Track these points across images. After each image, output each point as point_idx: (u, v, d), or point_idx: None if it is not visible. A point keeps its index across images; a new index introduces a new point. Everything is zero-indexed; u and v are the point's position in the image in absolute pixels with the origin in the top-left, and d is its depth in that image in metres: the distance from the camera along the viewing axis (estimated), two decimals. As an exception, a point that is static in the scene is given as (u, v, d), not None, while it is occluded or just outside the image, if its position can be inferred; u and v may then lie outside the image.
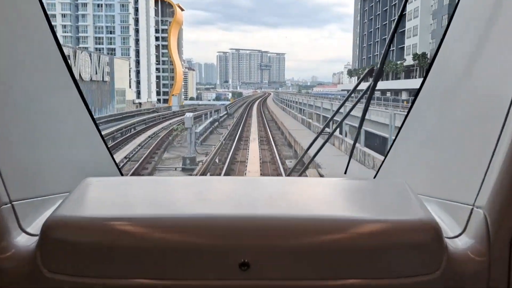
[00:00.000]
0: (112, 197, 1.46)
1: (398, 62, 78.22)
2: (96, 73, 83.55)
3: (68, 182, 1.52)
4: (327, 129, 3.74)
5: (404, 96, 70.38)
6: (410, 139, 2.11)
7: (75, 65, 76.32)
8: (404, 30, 79.36)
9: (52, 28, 1.68)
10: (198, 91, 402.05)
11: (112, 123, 37.57)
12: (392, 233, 1.16)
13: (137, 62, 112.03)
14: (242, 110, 56.90)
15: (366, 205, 1.41)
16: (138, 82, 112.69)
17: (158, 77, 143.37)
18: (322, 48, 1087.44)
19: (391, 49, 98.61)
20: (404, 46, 79.59)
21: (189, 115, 17.66)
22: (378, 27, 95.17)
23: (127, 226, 1.16)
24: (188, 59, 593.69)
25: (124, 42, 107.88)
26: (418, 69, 71.32)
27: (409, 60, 74.97)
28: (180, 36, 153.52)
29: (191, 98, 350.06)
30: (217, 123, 32.04)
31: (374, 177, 2.38)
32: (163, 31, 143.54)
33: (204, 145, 24.63)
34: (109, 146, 2.28)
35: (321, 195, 1.50)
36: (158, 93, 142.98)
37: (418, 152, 2.00)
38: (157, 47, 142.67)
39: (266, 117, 46.48)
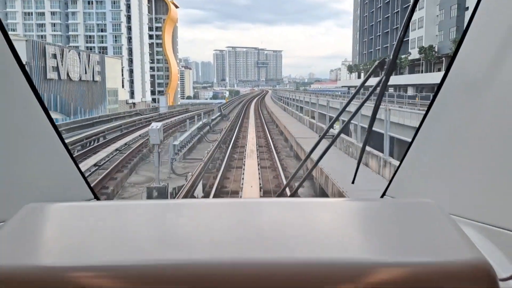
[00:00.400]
0: (51, 234, 1.04)
1: (403, 56, 74.06)
2: (86, 73, 79.40)
3: (15, 207, 1.20)
4: (332, 130, 3.09)
5: (410, 92, 66.29)
6: (430, 146, 1.78)
7: (62, 64, 72.06)
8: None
9: (4, 30, 1.36)
10: (195, 90, 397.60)
11: (78, 131, 31.04)
12: (434, 280, 0.83)
13: (130, 61, 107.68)
14: (239, 110, 52.29)
15: (393, 240, 1.07)
16: (131, 82, 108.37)
17: (152, 76, 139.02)
18: (318, 44, 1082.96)
19: (393, 43, 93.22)
20: (408, 39, 75.42)
21: (156, 126, 12.34)
22: (380, 20, 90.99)
23: (67, 280, 0.76)
24: (185, 58, 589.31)
25: (116, 40, 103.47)
26: (424, 63, 67.17)
27: (414, 54, 70.86)
28: (174, 34, 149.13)
29: (188, 97, 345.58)
30: (208, 127, 26.76)
31: (384, 192, 2.05)
32: (157, 29, 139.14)
33: (187, 160, 19.22)
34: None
35: (333, 225, 1.21)
36: (153, 92, 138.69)
37: (441, 162, 1.68)
38: (151, 45, 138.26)
39: (265, 118, 41.05)
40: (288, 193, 4.04)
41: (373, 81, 2.08)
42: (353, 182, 2.30)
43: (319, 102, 32.11)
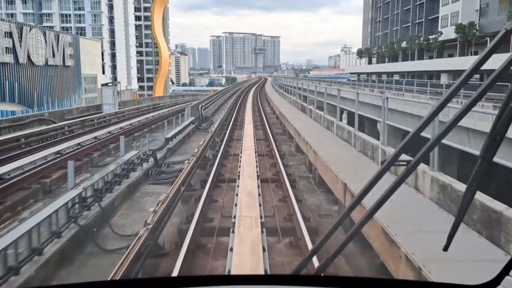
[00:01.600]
0: None
1: (431, 37, 60.79)
2: (54, 56, 65.85)
3: None
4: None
5: (444, 79, 53.17)
6: None
7: (20, 45, 58.44)
8: (438, -4, 61.78)
9: None
10: (191, 77, 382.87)
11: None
12: None
13: (112, 44, 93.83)
14: (231, 105, 34.89)
15: None
16: (114, 67, 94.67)
17: (140, 62, 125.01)
18: (316, 31, 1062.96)
19: (415, 22, 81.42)
20: (438, 16, 62.09)
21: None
22: (400, -4, 77.28)
23: None
24: (181, 44, 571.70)
25: (95, 20, 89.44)
26: (462, 44, 53.91)
27: (446, 34, 57.61)
28: (165, 16, 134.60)
29: (184, 84, 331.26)
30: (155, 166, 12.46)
31: (507, 270, 1.07)
32: (146, 9, 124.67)
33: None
34: None
35: None
36: (141, 79, 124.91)
37: None
38: (138, 27, 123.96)
39: (270, 122, 24.92)
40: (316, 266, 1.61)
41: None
42: (445, 249, 1.26)
43: (331, 91, 19.30)
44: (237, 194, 8.26)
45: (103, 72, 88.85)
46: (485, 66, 0.80)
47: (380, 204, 1.15)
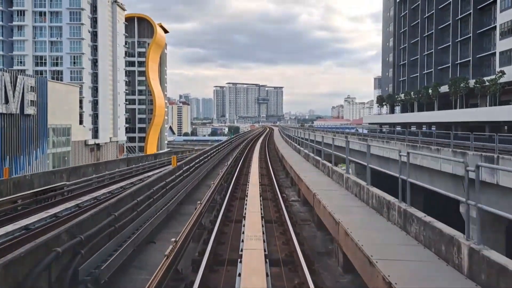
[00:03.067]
0: None
1: (487, 78, 46.17)
2: (7, 102, 51.59)
3: None
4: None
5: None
6: None
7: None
8: (494, 27, 47.67)
9: None
10: (194, 126, 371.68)
11: None
12: None
13: (95, 90, 79.97)
14: (221, 179, 21.01)
15: None
16: (95, 116, 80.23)
17: (132, 111, 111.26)
18: (318, 82, 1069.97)
19: (456, 62, 66.69)
20: (492, 54, 47.86)
21: None
22: (432, 32, 63.61)
23: None
24: (186, 94, 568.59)
25: (75, 63, 76.02)
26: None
27: (509, 74, 42.98)
28: (162, 62, 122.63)
29: (185, 134, 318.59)
30: None
31: None
32: (141, 54, 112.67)
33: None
34: None
35: None
36: (131, 130, 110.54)
37: None
38: (131, 73, 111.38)
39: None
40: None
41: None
42: None
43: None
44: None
45: (81, 122, 74.30)
46: None
47: None
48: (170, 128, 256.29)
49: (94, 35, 79.79)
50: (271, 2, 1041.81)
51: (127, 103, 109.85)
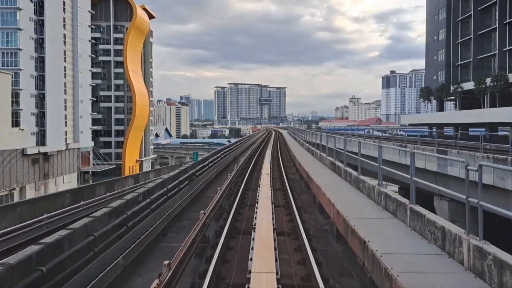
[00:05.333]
0: None
1: None
2: None
3: None
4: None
5: None
6: None
7: None
8: None
9: None
10: (193, 128, 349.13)
11: None
12: None
13: (41, 80, 57.86)
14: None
15: None
16: (41, 116, 58.12)
17: (108, 109, 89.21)
18: (320, 84, 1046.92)
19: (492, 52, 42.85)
20: None
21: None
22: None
23: None
24: (186, 95, 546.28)
25: (7, 42, 53.97)
26: None
27: None
28: (147, 53, 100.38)
29: (184, 136, 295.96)
30: None
31: None
32: (118, 41, 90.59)
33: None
34: None
35: None
36: (106, 133, 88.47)
37: None
38: (106, 64, 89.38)
39: None
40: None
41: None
42: None
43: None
44: None
45: (16, 124, 52.35)
46: None
47: None
48: (166, 130, 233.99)
49: (40, 6, 57.67)
50: (273, 3, 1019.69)
51: (100, 100, 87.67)
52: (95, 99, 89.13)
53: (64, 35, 64.44)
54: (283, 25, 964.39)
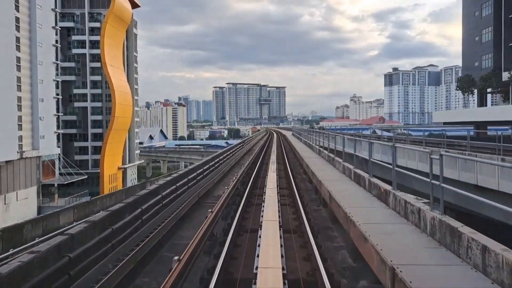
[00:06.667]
0: None
1: None
2: None
3: None
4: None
5: None
6: None
7: None
8: None
9: None
10: (191, 129, 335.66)
11: None
12: None
13: (-20, 72, 45.32)
14: None
15: None
16: (-19, 118, 45.55)
17: (83, 110, 76.83)
18: (320, 83, 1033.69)
19: None
20: None
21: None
22: None
23: None
24: (185, 96, 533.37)
25: None
26: None
27: None
28: (130, 45, 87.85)
29: (181, 138, 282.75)
30: None
31: None
32: (94, 31, 78.13)
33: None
34: None
35: None
36: (82, 138, 76.20)
37: None
38: (81, 57, 77.06)
39: None
40: None
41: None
42: None
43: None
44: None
45: None
46: None
47: None
48: (161, 131, 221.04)
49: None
50: (272, 3, 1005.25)
51: (75, 99, 75.28)
52: (69, 97, 76.73)
53: (18, 18, 51.96)
54: (282, 25, 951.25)
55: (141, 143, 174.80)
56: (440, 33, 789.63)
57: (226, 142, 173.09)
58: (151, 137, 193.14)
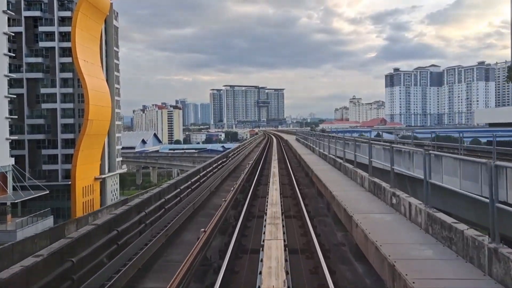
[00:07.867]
0: None
1: None
2: None
3: None
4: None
5: None
6: None
7: None
8: None
9: None
10: (187, 133, 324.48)
11: None
12: None
13: None
14: None
15: None
16: None
17: (52, 112, 65.91)
18: (318, 86, 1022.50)
19: None
20: None
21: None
22: None
23: None
24: (182, 99, 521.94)
25: None
26: None
27: None
28: (110, 39, 76.86)
29: (177, 141, 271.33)
30: None
31: None
32: (65, 22, 67.34)
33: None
34: None
35: None
36: (51, 144, 65.26)
37: None
38: (50, 50, 66.25)
39: None
40: None
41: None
42: None
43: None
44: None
45: None
46: None
47: None
48: (155, 135, 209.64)
49: None
50: (270, 6, 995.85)
51: (42, 100, 64.37)
52: (35, 98, 65.84)
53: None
54: (280, 27, 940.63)
55: (133, 147, 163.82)
56: (438, 35, 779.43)
57: (223, 146, 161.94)
58: (143, 142, 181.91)
